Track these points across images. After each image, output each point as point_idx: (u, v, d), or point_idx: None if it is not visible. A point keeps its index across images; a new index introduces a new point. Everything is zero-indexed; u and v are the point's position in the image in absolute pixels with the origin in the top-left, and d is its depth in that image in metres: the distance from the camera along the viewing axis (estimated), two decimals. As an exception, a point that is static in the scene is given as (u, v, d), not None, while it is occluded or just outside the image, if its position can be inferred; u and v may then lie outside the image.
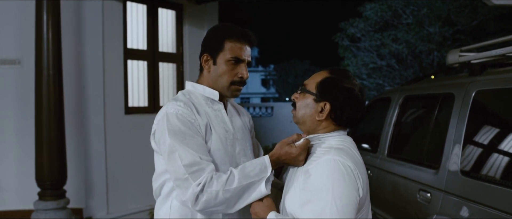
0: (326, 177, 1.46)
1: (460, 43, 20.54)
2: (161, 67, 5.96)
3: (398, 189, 3.32)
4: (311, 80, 1.70)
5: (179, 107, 1.72)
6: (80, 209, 5.02)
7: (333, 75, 1.66)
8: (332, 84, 1.63)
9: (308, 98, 1.67)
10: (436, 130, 3.02)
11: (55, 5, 4.31)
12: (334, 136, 1.65)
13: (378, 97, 4.51)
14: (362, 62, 25.53)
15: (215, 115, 1.82)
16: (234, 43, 1.77)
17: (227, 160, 1.78)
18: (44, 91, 4.26)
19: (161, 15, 5.94)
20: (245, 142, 1.91)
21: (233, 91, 1.82)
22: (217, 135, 1.78)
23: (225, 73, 1.79)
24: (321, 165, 1.51)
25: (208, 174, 1.60)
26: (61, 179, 4.38)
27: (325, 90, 1.63)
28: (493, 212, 2.24)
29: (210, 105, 1.84)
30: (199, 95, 1.85)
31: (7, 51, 4.94)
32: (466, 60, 3.14)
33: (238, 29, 1.81)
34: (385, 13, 23.72)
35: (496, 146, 2.43)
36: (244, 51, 1.79)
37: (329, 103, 1.62)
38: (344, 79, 1.64)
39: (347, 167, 1.48)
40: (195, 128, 1.69)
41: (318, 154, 1.60)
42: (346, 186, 1.45)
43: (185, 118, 1.69)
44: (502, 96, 2.51)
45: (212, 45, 1.80)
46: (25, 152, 4.84)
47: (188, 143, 1.65)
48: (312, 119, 1.66)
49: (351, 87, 1.62)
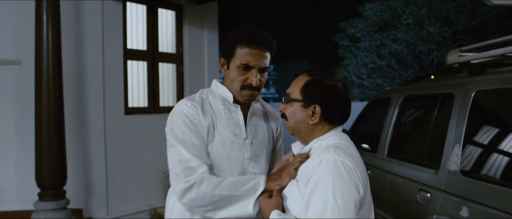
0: (326, 177, 1.46)
1: (459, 43, 20.57)
2: (161, 68, 5.96)
3: (398, 189, 3.32)
4: (293, 87, 1.68)
5: (186, 107, 1.77)
6: (80, 209, 5.01)
7: (314, 76, 1.65)
8: (316, 85, 1.62)
9: (296, 106, 1.65)
10: (436, 130, 3.03)
11: (55, 5, 4.31)
12: (332, 135, 1.64)
13: (377, 97, 4.51)
14: (362, 62, 25.56)
15: (229, 118, 1.83)
16: (244, 49, 1.75)
17: (229, 164, 1.79)
18: (44, 92, 4.26)
19: (160, 15, 5.94)
20: (261, 148, 1.90)
21: (245, 96, 1.81)
22: (221, 138, 1.78)
23: (235, 79, 1.78)
24: (321, 165, 1.49)
25: (199, 174, 1.67)
26: (61, 180, 4.37)
27: (311, 93, 1.62)
28: (493, 212, 2.24)
29: (227, 107, 1.85)
30: (218, 95, 1.87)
31: (7, 52, 4.94)
32: (466, 60, 3.14)
33: (251, 33, 1.77)
34: (385, 13, 23.76)
35: (496, 146, 2.43)
36: (254, 57, 1.75)
37: (318, 105, 1.61)
38: (326, 78, 1.63)
39: (347, 166, 1.48)
40: (196, 128, 1.74)
41: (317, 153, 1.59)
42: (346, 185, 1.45)
43: (189, 118, 1.74)
44: (501, 96, 2.51)
45: (226, 49, 1.81)
46: (25, 153, 4.84)
47: (186, 142, 1.71)
48: (306, 125, 1.65)
49: (334, 83, 1.62)
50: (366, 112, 4.60)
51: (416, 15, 22.57)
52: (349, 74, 27.03)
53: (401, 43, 22.82)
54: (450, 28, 21.84)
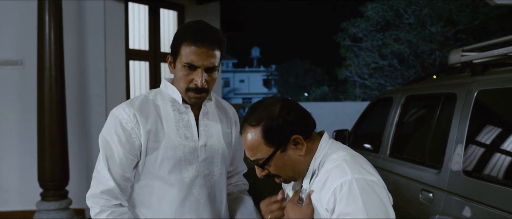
0: (355, 203, 1.30)
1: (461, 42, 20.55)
2: (163, 68, 5.97)
3: (400, 189, 3.32)
4: (253, 150, 1.43)
5: (122, 112, 1.68)
6: (82, 209, 5.02)
7: (257, 119, 1.42)
8: (270, 125, 1.40)
9: (276, 158, 1.43)
10: (438, 130, 3.02)
11: (57, 5, 4.32)
12: (323, 147, 1.48)
13: (380, 97, 4.51)
14: (364, 62, 25.54)
15: (178, 120, 1.71)
16: (189, 47, 1.60)
17: (181, 168, 1.70)
18: (46, 92, 4.27)
19: (162, 15, 5.95)
20: (217, 149, 1.79)
21: (191, 98, 1.68)
22: (170, 142, 1.68)
23: (181, 79, 1.65)
24: (343, 191, 1.32)
25: (101, 207, 1.62)
26: (63, 180, 4.38)
27: (278, 135, 1.41)
28: (496, 212, 2.23)
29: (177, 108, 1.73)
30: (167, 95, 1.75)
31: (9, 52, 4.95)
32: (468, 60, 3.13)
33: (197, 30, 1.62)
34: (387, 13, 23.74)
35: (499, 146, 2.42)
36: (199, 56, 1.60)
37: (294, 134, 1.41)
38: (268, 112, 1.42)
39: (370, 182, 1.35)
40: (125, 138, 1.65)
41: (326, 177, 1.39)
42: (377, 203, 1.33)
43: (121, 125, 1.66)
44: (504, 96, 2.51)
45: (172, 47, 1.68)
46: (27, 153, 4.85)
47: (109, 158, 1.65)
48: (300, 161, 1.45)
49: (279, 107, 1.42)
50: (368, 112, 4.59)
51: (418, 15, 22.55)
52: (351, 74, 27.03)
53: (403, 43, 22.80)
54: (452, 27, 21.82)
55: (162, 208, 1.70)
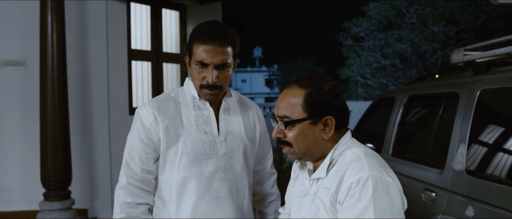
0: (368, 200, 1.31)
1: (464, 42, 20.49)
2: (165, 68, 5.97)
3: (402, 189, 3.31)
4: (287, 107, 1.44)
5: (143, 109, 1.81)
6: (85, 209, 5.03)
7: (310, 86, 1.44)
8: (319, 95, 1.42)
9: (302, 126, 1.43)
10: (441, 130, 3.02)
11: (59, 6, 4.32)
12: (346, 141, 1.49)
13: (382, 97, 4.50)
14: (366, 62, 25.50)
15: (198, 115, 1.80)
16: (200, 46, 1.69)
17: (200, 162, 1.76)
18: (49, 92, 4.27)
19: (164, 15, 5.96)
20: (238, 144, 1.85)
21: (205, 95, 1.77)
22: (190, 137, 1.76)
23: (194, 77, 1.75)
24: (358, 187, 1.33)
25: (121, 206, 1.79)
26: (66, 180, 4.39)
27: (318, 106, 1.42)
28: (499, 211, 2.23)
29: (196, 104, 1.82)
30: (188, 92, 1.85)
31: (12, 52, 4.96)
32: (471, 59, 3.12)
33: (207, 29, 1.71)
34: (389, 12, 23.69)
35: (502, 145, 2.42)
36: (209, 54, 1.68)
37: (330, 115, 1.43)
38: (323, 83, 1.45)
39: (386, 182, 1.36)
40: (144, 133, 1.79)
41: (344, 170, 1.40)
42: (391, 204, 1.34)
43: (142, 122, 1.79)
44: (506, 95, 2.50)
45: (187, 47, 1.79)
46: (30, 153, 4.86)
47: (130, 152, 1.82)
48: (319, 142, 1.45)
49: (332, 86, 1.46)
50: (371, 112, 4.59)
51: (420, 14, 22.52)
52: (353, 74, 26.99)
53: (405, 42, 22.76)
54: (455, 27, 21.77)
55: (182, 201, 1.77)
